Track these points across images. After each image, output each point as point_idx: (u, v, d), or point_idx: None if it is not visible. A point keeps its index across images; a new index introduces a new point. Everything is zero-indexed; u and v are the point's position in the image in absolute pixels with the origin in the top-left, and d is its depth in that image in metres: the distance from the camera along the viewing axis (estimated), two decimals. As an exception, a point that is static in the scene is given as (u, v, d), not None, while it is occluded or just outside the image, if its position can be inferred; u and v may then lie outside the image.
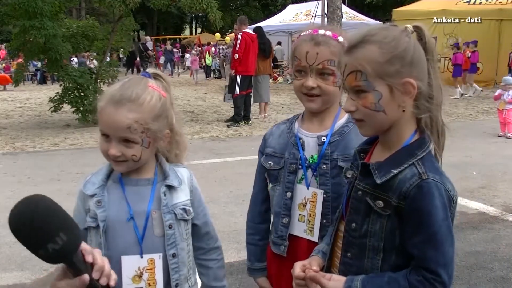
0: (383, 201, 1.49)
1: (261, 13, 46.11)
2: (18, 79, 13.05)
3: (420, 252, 1.44)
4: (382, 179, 1.49)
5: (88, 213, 1.74)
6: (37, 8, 10.43)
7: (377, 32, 1.50)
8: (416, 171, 1.47)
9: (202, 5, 12.09)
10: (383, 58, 1.46)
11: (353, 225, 1.57)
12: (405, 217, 1.46)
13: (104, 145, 1.70)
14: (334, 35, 1.88)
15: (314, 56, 1.86)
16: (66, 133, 10.91)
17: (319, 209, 1.93)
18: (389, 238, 1.50)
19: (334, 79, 1.88)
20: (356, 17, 23.42)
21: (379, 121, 1.51)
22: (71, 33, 12.21)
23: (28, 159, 8.65)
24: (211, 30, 37.24)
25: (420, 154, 1.50)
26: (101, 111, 1.67)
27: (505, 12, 18.45)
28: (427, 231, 1.43)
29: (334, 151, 1.92)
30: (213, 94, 18.28)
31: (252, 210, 2.20)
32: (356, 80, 1.50)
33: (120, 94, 1.65)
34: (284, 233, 2.01)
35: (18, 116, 13.65)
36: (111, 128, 1.66)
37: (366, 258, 1.54)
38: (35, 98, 17.72)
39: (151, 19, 45.77)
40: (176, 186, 1.79)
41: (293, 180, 1.97)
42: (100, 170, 1.82)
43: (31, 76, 25.39)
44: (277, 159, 2.02)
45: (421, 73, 1.50)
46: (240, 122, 11.57)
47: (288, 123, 2.08)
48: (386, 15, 27.08)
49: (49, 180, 7.07)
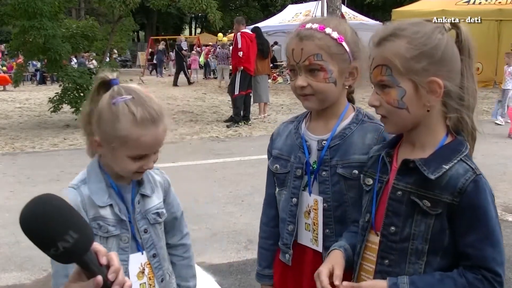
0: (429, 200, 1.42)
1: (261, 13, 46.10)
2: (17, 80, 13.05)
3: (477, 251, 1.38)
4: (434, 174, 1.41)
5: (95, 221, 1.71)
6: (36, 8, 10.42)
7: (409, 26, 1.44)
8: (467, 167, 1.41)
9: (202, 6, 12.10)
10: (410, 53, 1.41)
11: (392, 228, 1.48)
12: (459, 215, 1.39)
13: (134, 165, 1.66)
14: (321, 27, 1.73)
15: (300, 52, 1.73)
16: (66, 133, 10.89)
17: (320, 218, 1.82)
18: (436, 240, 1.42)
19: (325, 75, 1.73)
20: (356, 17, 23.43)
21: (401, 119, 1.46)
22: (70, 34, 12.21)
23: (28, 159, 8.64)
24: (210, 31, 37.24)
25: (464, 151, 1.45)
26: (141, 136, 1.61)
27: (504, 13, 18.47)
28: (484, 229, 1.38)
29: (333, 156, 1.80)
30: (213, 95, 18.27)
31: (267, 213, 2.05)
32: (381, 75, 1.45)
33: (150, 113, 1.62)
34: (289, 241, 1.90)
35: (18, 116, 13.63)
36: (154, 147, 1.68)
37: (407, 263, 1.46)
38: (35, 98, 17.71)
39: (151, 19, 45.74)
40: (149, 195, 1.81)
41: (299, 185, 1.85)
42: (91, 176, 1.75)
43: (31, 76, 25.38)
44: (284, 162, 1.91)
45: (452, 72, 1.43)
46: (239, 123, 11.57)
47: (296, 122, 1.96)
48: (385, 16, 27.08)
49: (49, 181, 7.06)
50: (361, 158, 1.76)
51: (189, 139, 10.15)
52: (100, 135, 1.66)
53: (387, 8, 27.61)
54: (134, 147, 1.63)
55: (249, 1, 50.96)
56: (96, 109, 1.67)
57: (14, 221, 3.59)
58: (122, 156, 1.65)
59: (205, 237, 4.99)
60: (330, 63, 1.72)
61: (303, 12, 23.49)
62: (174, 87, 21.13)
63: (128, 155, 1.64)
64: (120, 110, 1.60)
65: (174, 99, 16.50)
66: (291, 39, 1.78)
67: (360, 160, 1.76)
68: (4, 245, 4.82)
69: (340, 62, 1.74)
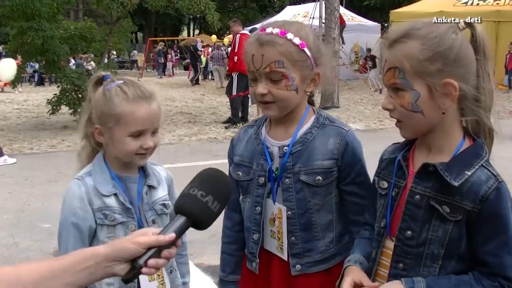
0: (448, 205, 1.38)
1: (259, 14, 46.08)
2: (16, 81, 13.02)
3: (495, 259, 1.36)
4: (457, 181, 1.36)
5: (101, 211, 1.77)
6: (35, 9, 10.42)
7: (422, 26, 1.40)
8: (489, 174, 1.38)
9: (200, 7, 12.11)
10: (423, 55, 1.36)
11: (408, 233, 1.45)
12: (479, 222, 1.36)
13: (134, 144, 1.75)
14: (282, 32, 1.65)
15: (260, 59, 1.65)
16: (64, 134, 10.87)
17: (285, 227, 1.79)
18: (452, 245, 1.39)
19: (286, 82, 1.67)
20: (354, 18, 23.46)
21: (417, 122, 1.42)
22: (68, 35, 12.20)
23: (26, 160, 8.62)
24: (209, 32, 37.20)
25: (484, 156, 1.42)
26: (135, 111, 1.72)
27: (502, 14, 18.52)
28: (503, 236, 1.36)
29: (296, 163, 1.75)
30: (211, 96, 18.26)
31: (231, 218, 1.98)
32: (394, 77, 1.40)
33: (141, 91, 1.75)
34: (255, 250, 1.86)
35: (16, 117, 13.62)
36: (150, 121, 1.76)
37: (422, 266, 1.43)
38: (33, 99, 17.68)
39: (149, 20, 45.72)
40: (155, 186, 1.88)
41: (262, 193, 1.81)
42: (96, 169, 1.82)
43: (29, 77, 25.34)
44: (246, 169, 1.85)
45: (467, 73, 1.39)
46: (237, 124, 11.55)
47: (255, 127, 1.89)
48: (383, 17, 27.14)
49: (47, 182, 7.05)
50: (324, 163, 1.75)
51: (188, 140, 10.15)
52: (98, 120, 1.76)
53: (385, 9, 27.66)
54: (129, 123, 1.72)
55: (247, 2, 50.96)
56: (93, 101, 1.79)
57: (12, 222, 3.59)
58: (121, 137, 1.74)
59: (203, 238, 4.97)
60: (291, 70, 1.67)
61: (301, 13, 23.48)
62: (172, 89, 21.12)
63: (126, 134, 1.73)
64: (113, 92, 1.73)
65: (172, 100, 16.49)
66: (251, 44, 1.70)
67: (323, 165, 1.75)
68: (2, 246, 4.80)
69: (302, 69, 1.69)
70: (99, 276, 1.23)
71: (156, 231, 1.24)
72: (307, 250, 1.81)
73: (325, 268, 1.82)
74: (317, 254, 1.81)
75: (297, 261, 1.81)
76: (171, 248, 1.23)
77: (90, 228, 1.76)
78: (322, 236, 1.81)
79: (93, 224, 1.77)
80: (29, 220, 5.48)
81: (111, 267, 1.21)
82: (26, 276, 1.19)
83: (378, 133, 10.07)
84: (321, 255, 1.82)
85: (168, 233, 1.22)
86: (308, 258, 1.81)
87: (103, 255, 1.21)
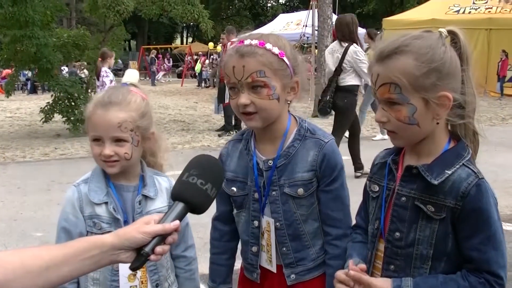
0: (433, 205, 1.43)
1: (252, 22, 46.22)
2: (9, 90, 12.98)
3: (480, 254, 1.39)
4: (437, 180, 1.43)
5: (91, 219, 1.78)
6: (28, 17, 10.40)
7: (412, 41, 1.43)
8: (470, 171, 1.43)
9: (194, 15, 12.15)
10: (419, 71, 1.40)
11: (397, 234, 1.50)
12: (462, 219, 1.41)
13: (96, 149, 1.76)
14: (261, 42, 1.70)
15: (241, 70, 1.68)
16: (57, 143, 10.83)
17: (273, 239, 1.83)
18: (440, 244, 1.44)
19: (268, 91, 1.70)
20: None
21: (412, 133, 1.46)
22: (62, 43, 12.19)
23: (18, 169, 8.57)
24: (202, 40, 37.28)
25: (466, 156, 1.46)
26: (91, 115, 1.76)
27: (494, 21, 18.65)
28: (486, 232, 1.39)
29: (281, 176, 1.80)
30: (204, 104, 18.26)
31: (219, 229, 2.00)
32: (389, 93, 1.43)
33: (108, 97, 1.77)
34: (255, 262, 1.90)
35: (8, 126, 13.56)
36: (103, 129, 1.74)
37: (412, 268, 1.47)
38: (26, 107, 17.63)
39: (142, 28, 45.73)
40: (151, 197, 1.86)
41: (258, 208, 1.85)
42: (93, 177, 1.85)
43: (22, 85, 25.27)
44: (240, 184, 1.87)
45: (457, 83, 1.44)
46: (231, 131, 11.54)
47: (243, 141, 1.91)
48: (376, 24, 27.22)
49: (39, 190, 7.01)
50: (304, 176, 1.79)
51: (181, 148, 10.13)
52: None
53: (378, 17, 27.81)
54: (89, 127, 1.79)
55: (240, 10, 51.14)
56: None
57: (4, 231, 3.58)
58: (89, 141, 1.79)
59: (197, 246, 4.94)
60: (273, 79, 1.70)
61: (294, 21, 23.59)
62: (165, 96, 21.13)
63: (90, 138, 1.78)
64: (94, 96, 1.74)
65: (165, 108, 16.48)
66: (230, 56, 1.72)
67: (304, 178, 1.79)
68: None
69: (282, 78, 1.73)
70: (104, 264, 1.29)
71: (157, 219, 1.30)
72: (300, 259, 1.84)
73: (319, 274, 1.85)
74: (310, 262, 1.84)
75: (291, 270, 1.85)
76: (173, 234, 1.31)
77: (80, 234, 1.77)
78: (312, 244, 1.85)
79: (83, 231, 1.78)
80: (21, 229, 5.43)
81: (117, 255, 1.27)
82: (30, 262, 1.21)
83: (370, 141, 10.06)
84: (314, 262, 1.85)
85: (169, 220, 1.29)
86: (302, 266, 1.84)
87: (109, 245, 1.27)
